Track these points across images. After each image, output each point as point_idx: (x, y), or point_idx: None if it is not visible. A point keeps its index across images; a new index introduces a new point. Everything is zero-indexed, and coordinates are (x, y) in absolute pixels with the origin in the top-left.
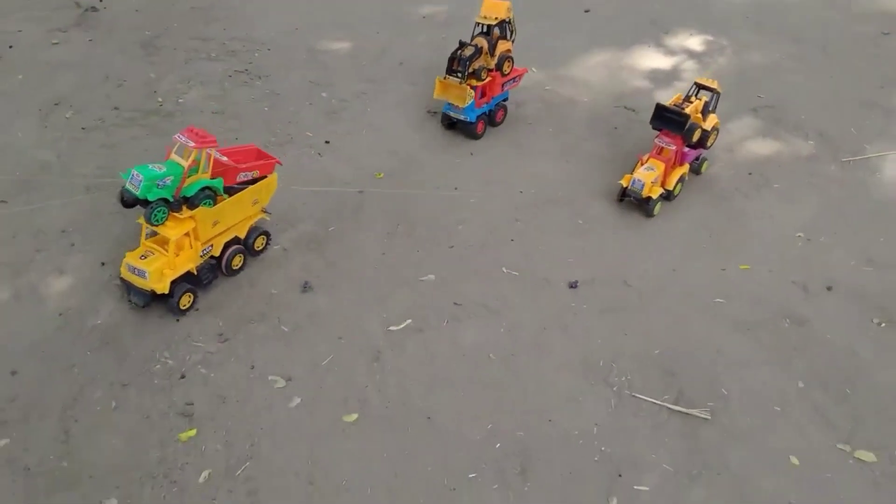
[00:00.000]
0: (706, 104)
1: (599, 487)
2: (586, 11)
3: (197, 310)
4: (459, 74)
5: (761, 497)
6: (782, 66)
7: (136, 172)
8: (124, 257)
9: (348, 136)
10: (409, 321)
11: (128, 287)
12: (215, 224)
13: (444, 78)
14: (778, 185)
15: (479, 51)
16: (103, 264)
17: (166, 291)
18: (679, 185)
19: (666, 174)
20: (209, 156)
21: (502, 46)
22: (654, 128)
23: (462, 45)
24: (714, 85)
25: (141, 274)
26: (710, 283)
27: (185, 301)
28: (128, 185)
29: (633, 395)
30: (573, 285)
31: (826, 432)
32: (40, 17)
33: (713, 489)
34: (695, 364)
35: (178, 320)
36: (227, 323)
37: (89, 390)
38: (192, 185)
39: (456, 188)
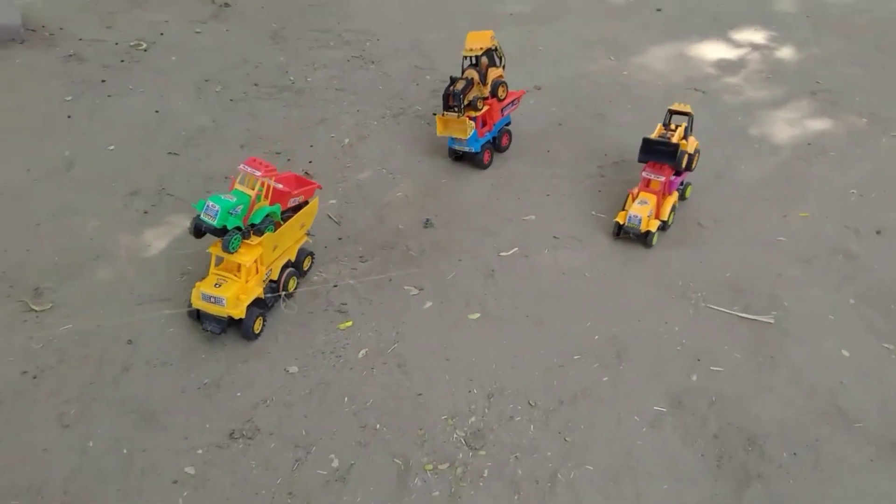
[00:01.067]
0: (686, 129)
1: (682, 367)
2: (658, 10)
3: (340, 239)
4: (456, 109)
5: (817, 378)
6: (839, 59)
7: (211, 203)
8: (195, 287)
9: None
10: (515, 249)
11: (201, 316)
12: (275, 248)
13: (443, 115)
14: (834, 153)
15: (470, 83)
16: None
17: (243, 316)
18: (672, 214)
19: (659, 206)
20: (268, 185)
21: (493, 73)
22: (640, 161)
23: (453, 80)
24: (687, 109)
25: (218, 301)
26: (772, 225)
27: (258, 326)
28: (203, 216)
29: (708, 306)
30: None
31: (873, 336)
32: (182, 11)
33: (776, 372)
34: (760, 285)
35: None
36: (366, 249)
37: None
38: (257, 213)
39: (548, 150)
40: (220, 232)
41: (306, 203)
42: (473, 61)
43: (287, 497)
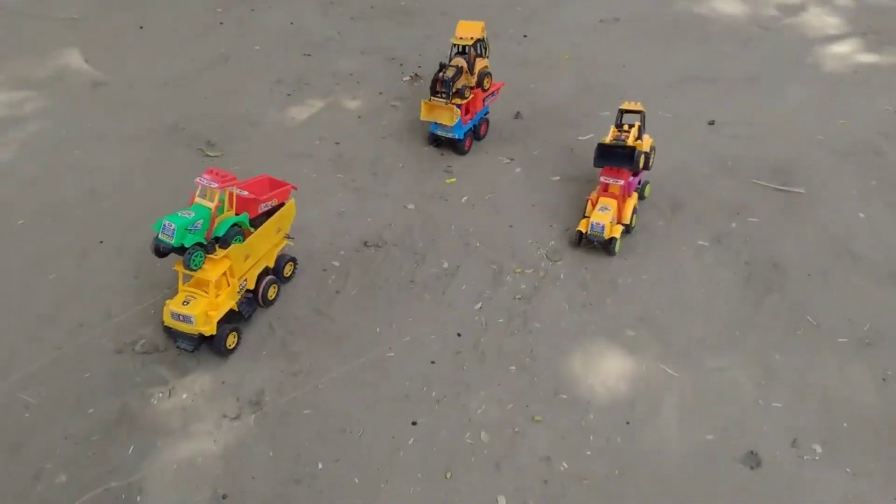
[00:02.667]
0: (639, 128)
1: (723, 217)
2: None
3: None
4: (444, 95)
5: (835, 230)
6: (892, 10)
7: (167, 222)
8: (165, 305)
9: (540, 34)
10: (591, 135)
11: (173, 334)
12: (247, 258)
13: (429, 100)
14: (876, 80)
15: (460, 71)
16: (381, 93)
17: (214, 332)
18: (634, 216)
19: (620, 210)
20: (231, 193)
21: (480, 63)
22: (597, 166)
23: (442, 66)
24: (638, 107)
25: (186, 319)
26: (814, 128)
27: (231, 341)
28: (161, 236)
29: (752, 181)
30: (711, 123)
31: (888, 208)
32: None
33: (802, 224)
34: (798, 168)
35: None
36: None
37: (383, 155)
38: (221, 225)
39: (623, 65)
40: (181, 250)
41: (282, 205)
42: (461, 50)
43: (409, 284)
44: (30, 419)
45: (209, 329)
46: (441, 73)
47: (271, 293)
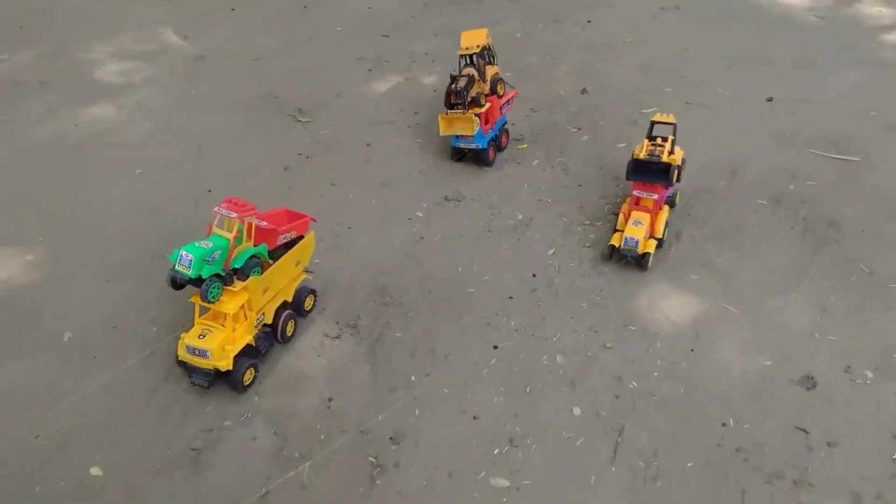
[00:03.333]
0: (672, 141)
1: (782, 181)
2: None
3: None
4: (461, 105)
5: (889, 193)
6: None
7: (184, 252)
8: (180, 339)
9: (604, 19)
10: (655, 108)
11: (189, 369)
12: (265, 291)
13: (447, 113)
14: None
15: (472, 80)
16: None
17: (230, 368)
18: (666, 229)
19: (653, 223)
20: (250, 224)
21: (490, 71)
22: (629, 179)
23: (454, 78)
24: (670, 119)
25: (202, 354)
26: (868, 106)
27: (248, 376)
28: (178, 267)
29: (809, 151)
30: (769, 99)
31: None
32: None
33: (857, 187)
34: (853, 140)
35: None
36: (536, 104)
37: None
38: (239, 256)
39: (685, 49)
40: (198, 282)
41: (301, 238)
42: (469, 60)
43: (487, 233)
44: (157, 333)
45: (225, 364)
46: (454, 85)
47: (289, 329)
